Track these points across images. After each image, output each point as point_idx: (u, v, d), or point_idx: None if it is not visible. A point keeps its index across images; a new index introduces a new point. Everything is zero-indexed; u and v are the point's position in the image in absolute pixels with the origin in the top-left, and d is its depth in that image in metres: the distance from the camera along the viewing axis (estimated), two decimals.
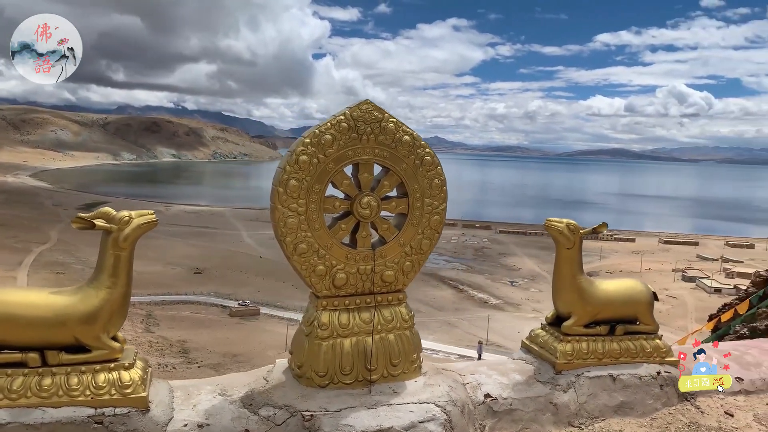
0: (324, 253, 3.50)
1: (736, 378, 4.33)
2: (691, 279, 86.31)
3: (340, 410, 3.30)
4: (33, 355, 3.03)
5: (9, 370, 2.99)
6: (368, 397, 3.43)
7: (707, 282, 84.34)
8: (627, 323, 4.16)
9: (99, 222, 3.12)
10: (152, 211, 3.28)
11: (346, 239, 3.64)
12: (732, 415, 3.97)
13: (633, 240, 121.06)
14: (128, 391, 3.08)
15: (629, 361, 4.07)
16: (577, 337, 4.02)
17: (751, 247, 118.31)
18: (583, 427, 3.75)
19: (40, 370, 3.02)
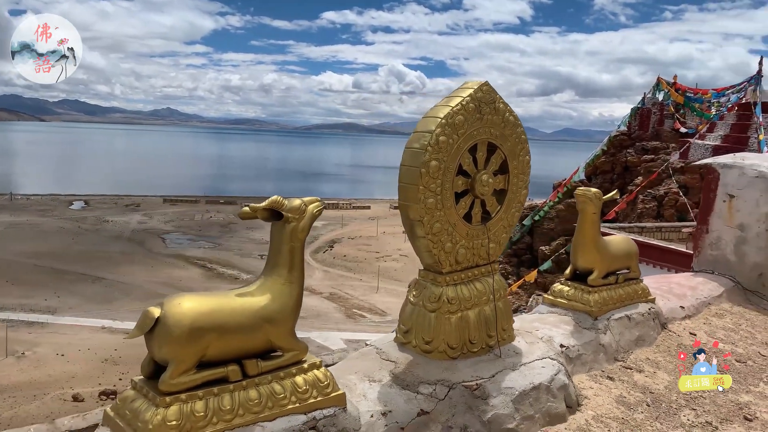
0: (452, 230, 3.60)
1: (679, 306, 5.56)
2: None
3: (494, 375, 3.51)
4: (234, 368, 2.64)
5: (215, 389, 2.56)
6: (504, 361, 3.68)
7: None
8: (622, 273, 5.06)
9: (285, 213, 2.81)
10: (318, 198, 3.02)
11: None
12: (695, 335, 5.15)
13: (368, 207, 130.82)
14: (329, 390, 2.87)
15: (630, 303, 4.96)
16: (599, 288, 4.77)
17: None
18: (625, 359, 4.52)
19: (244, 383, 2.65)
